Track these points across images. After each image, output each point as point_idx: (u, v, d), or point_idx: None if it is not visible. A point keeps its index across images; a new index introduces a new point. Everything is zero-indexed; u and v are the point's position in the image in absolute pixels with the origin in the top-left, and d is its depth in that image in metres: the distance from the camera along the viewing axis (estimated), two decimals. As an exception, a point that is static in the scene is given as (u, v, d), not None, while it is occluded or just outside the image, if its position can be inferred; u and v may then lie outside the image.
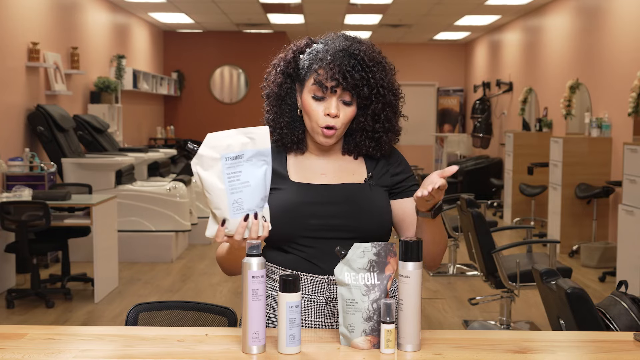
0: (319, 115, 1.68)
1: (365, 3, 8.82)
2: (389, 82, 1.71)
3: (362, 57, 1.67)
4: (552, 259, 4.35)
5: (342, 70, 1.64)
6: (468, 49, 13.26)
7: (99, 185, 6.30)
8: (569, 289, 2.38)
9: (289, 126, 1.75)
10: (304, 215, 1.68)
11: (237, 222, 1.54)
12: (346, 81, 1.65)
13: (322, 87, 1.66)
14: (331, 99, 1.67)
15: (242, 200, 1.54)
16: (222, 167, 1.53)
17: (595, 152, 6.79)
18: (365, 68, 1.66)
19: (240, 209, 1.54)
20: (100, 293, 5.26)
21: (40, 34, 6.65)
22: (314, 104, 1.68)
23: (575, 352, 1.59)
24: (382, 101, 1.70)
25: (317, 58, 1.68)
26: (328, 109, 1.67)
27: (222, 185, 1.53)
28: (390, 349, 1.48)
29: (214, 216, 1.56)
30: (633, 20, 6.37)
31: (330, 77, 1.65)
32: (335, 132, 1.69)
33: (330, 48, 1.68)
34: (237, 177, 1.54)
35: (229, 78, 12.10)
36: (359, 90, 1.66)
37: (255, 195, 1.55)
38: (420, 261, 1.50)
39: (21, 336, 1.60)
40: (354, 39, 1.72)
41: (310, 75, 1.69)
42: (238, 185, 1.54)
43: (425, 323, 4.59)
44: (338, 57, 1.65)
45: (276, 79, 1.76)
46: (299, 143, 1.76)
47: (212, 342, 1.58)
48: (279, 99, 1.76)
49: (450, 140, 12.44)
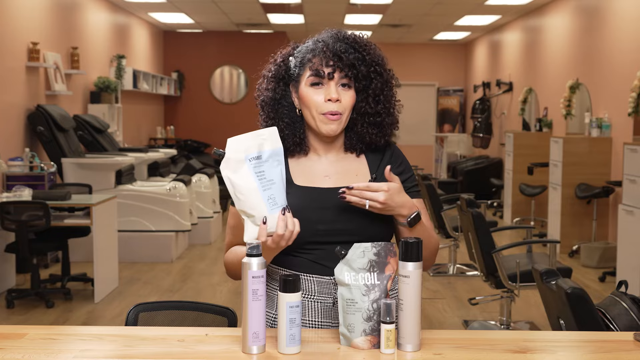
0: (319, 103, 1.67)
1: (365, 3, 8.82)
2: (383, 62, 1.73)
3: (353, 39, 1.70)
4: (552, 259, 4.35)
5: (336, 53, 1.65)
6: (468, 49, 13.26)
7: (99, 185, 6.30)
8: (569, 289, 2.38)
9: (290, 127, 1.74)
10: (310, 220, 1.66)
11: (276, 218, 1.55)
12: (342, 62, 1.65)
13: (318, 74, 1.66)
14: (329, 85, 1.67)
15: (275, 196, 1.57)
16: (249, 167, 1.56)
17: (595, 152, 6.79)
18: (359, 48, 1.68)
19: (275, 204, 1.57)
20: (100, 293, 5.26)
21: (40, 34, 6.65)
22: (314, 93, 1.68)
23: (575, 352, 1.59)
24: (380, 80, 1.70)
25: (309, 50, 1.70)
26: (329, 94, 1.66)
27: (254, 185, 1.56)
28: (390, 349, 1.48)
29: (249, 217, 1.57)
30: (633, 20, 6.38)
31: (325, 64, 1.66)
32: (339, 117, 1.68)
33: (320, 39, 1.71)
34: (264, 176, 1.57)
35: (229, 78, 12.10)
36: (356, 71, 1.67)
37: (281, 192, 1.59)
38: (420, 261, 1.50)
39: (21, 336, 1.60)
40: (339, 29, 1.74)
41: (305, 68, 1.69)
42: (266, 183, 1.57)
43: (425, 323, 4.59)
44: (330, 43, 1.67)
45: (268, 85, 1.75)
46: (301, 144, 1.75)
47: (212, 342, 1.58)
48: (274, 103, 1.74)
49: (450, 140, 12.44)
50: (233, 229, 1.77)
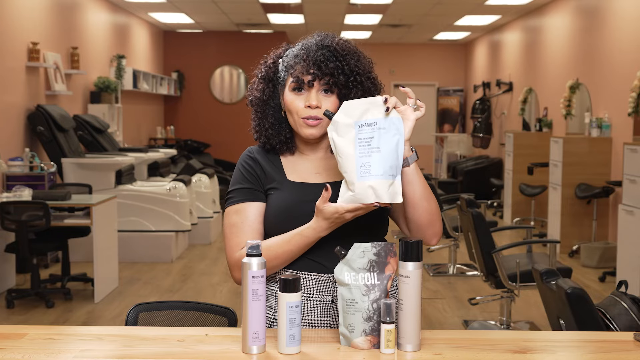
0: (299, 108, 1.70)
1: (365, 3, 8.82)
2: (365, 70, 1.73)
3: (334, 47, 1.70)
4: (552, 259, 4.35)
5: (316, 62, 1.67)
6: (468, 49, 13.26)
7: (99, 185, 6.30)
8: (569, 289, 2.38)
9: (274, 127, 1.77)
10: (305, 214, 1.67)
11: (364, 186, 1.54)
12: (321, 71, 1.67)
13: (299, 81, 1.69)
14: (310, 91, 1.69)
15: (370, 164, 1.54)
16: (356, 133, 1.56)
17: (595, 152, 6.79)
18: (340, 57, 1.69)
19: (367, 172, 1.54)
20: (100, 293, 5.26)
21: (40, 34, 6.65)
22: (295, 98, 1.71)
23: (575, 352, 1.59)
24: (360, 89, 1.71)
25: (293, 56, 1.72)
26: (308, 101, 1.69)
27: (352, 151, 1.55)
28: (390, 349, 1.48)
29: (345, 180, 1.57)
30: (633, 20, 6.38)
31: (305, 71, 1.68)
32: (319, 122, 1.70)
33: (305, 45, 1.73)
34: (368, 143, 1.55)
35: (229, 78, 12.10)
36: (335, 79, 1.68)
37: (384, 162, 1.55)
38: (420, 261, 1.51)
39: (21, 336, 1.60)
40: (327, 34, 1.76)
41: (288, 74, 1.72)
42: (367, 150, 1.55)
43: (425, 323, 4.59)
44: (312, 51, 1.69)
45: (258, 86, 1.79)
46: (287, 143, 1.77)
47: (212, 342, 1.58)
48: (262, 103, 1.78)
49: (450, 140, 12.44)
50: (237, 228, 1.71)
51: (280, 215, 1.69)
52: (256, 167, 1.77)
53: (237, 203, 1.74)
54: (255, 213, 1.73)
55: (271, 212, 1.72)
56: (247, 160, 1.78)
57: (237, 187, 1.75)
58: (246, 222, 1.71)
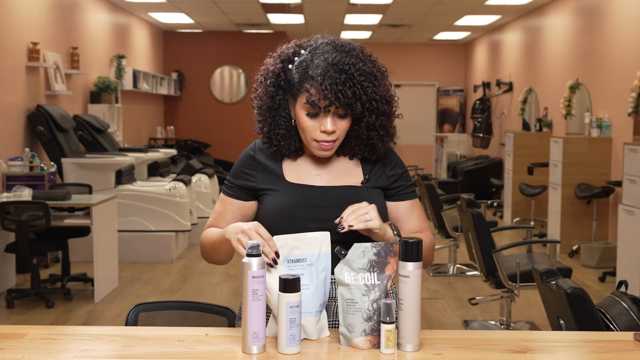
0: (314, 132, 1.68)
1: (365, 3, 8.82)
2: (381, 93, 1.70)
3: (352, 72, 1.64)
4: (552, 259, 4.35)
5: (333, 90, 1.62)
6: (468, 49, 13.26)
7: (99, 185, 6.30)
8: (569, 289, 2.38)
9: (286, 137, 1.75)
10: (301, 218, 1.68)
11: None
12: (339, 101, 1.63)
13: (315, 106, 1.65)
14: (326, 117, 1.66)
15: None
16: (285, 270, 1.57)
17: (595, 152, 6.79)
18: (357, 84, 1.64)
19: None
20: (100, 293, 5.26)
21: (40, 34, 6.65)
22: (309, 121, 1.68)
23: (575, 352, 1.59)
24: (375, 112, 1.70)
25: (308, 75, 1.65)
26: (324, 126, 1.67)
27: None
28: (390, 349, 1.48)
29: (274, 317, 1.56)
30: (633, 20, 6.37)
31: (322, 97, 1.63)
32: (333, 145, 1.70)
33: (320, 63, 1.65)
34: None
35: (229, 78, 12.10)
36: (352, 107, 1.66)
37: (314, 301, 1.56)
38: (420, 261, 1.51)
39: (21, 336, 1.60)
40: (342, 48, 1.68)
41: (302, 92, 1.66)
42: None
43: (425, 323, 4.59)
44: (328, 76, 1.62)
45: (268, 91, 1.74)
46: (297, 152, 1.78)
47: (212, 342, 1.58)
48: (272, 110, 1.75)
49: (450, 140, 12.44)
50: (218, 214, 1.81)
51: (277, 218, 1.70)
52: (254, 166, 1.78)
53: (225, 194, 1.81)
54: (235, 210, 1.79)
55: (266, 213, 1.73)
56: (248, 160, 1.79)
57: (230, 179, 1.81)
58: (227, 213, 1.79)
